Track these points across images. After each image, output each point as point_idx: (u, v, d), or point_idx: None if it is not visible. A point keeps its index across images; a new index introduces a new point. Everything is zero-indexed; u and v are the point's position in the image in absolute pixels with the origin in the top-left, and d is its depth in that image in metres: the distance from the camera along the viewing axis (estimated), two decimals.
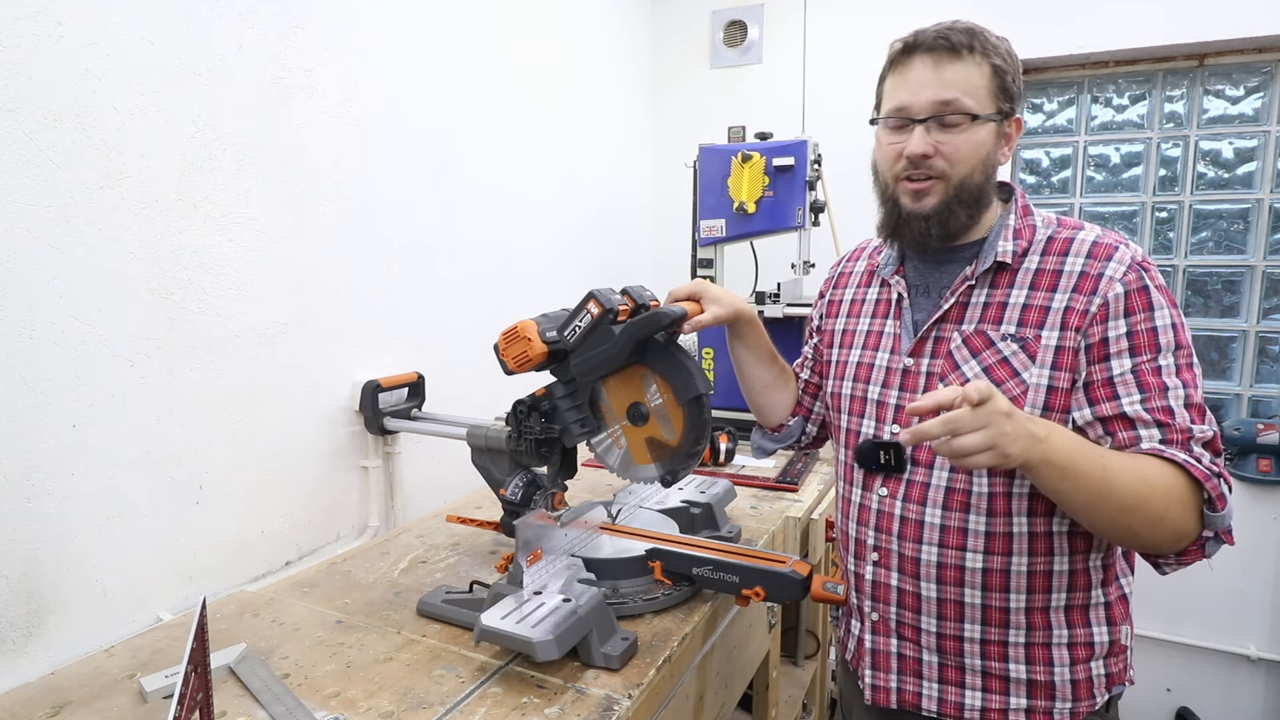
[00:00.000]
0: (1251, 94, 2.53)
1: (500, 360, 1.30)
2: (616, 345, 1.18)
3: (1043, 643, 1.06)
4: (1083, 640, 1.06)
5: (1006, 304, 1.05)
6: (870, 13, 2.78)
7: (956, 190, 1.05)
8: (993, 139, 1.05)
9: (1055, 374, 1.01)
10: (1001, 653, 1.07)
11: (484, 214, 2.10)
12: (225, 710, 0.97)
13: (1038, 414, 1.00)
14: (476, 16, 2.03)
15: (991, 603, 1.06)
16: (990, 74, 1.03)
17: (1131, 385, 0.96)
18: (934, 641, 1.10)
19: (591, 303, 1.19)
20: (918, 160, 1.04)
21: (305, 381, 1.56)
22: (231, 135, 1.37)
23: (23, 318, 1.08)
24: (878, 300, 1.22)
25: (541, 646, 0.98)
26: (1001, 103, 1.05)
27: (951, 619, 1.08)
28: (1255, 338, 2.60)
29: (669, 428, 1.24)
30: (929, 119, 1.03)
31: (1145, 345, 0.97)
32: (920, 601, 1.10)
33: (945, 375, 1.08)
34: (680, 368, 1.20)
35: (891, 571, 1.13)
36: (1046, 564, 1.04)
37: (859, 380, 1.19)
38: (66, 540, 1.15)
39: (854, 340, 1.23)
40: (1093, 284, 1.00)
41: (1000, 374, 1.03)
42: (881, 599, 1.15)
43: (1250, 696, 2.62)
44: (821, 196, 2.37)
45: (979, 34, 1.04)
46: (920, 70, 1.04)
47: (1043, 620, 1.05)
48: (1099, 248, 1.02)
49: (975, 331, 1.07)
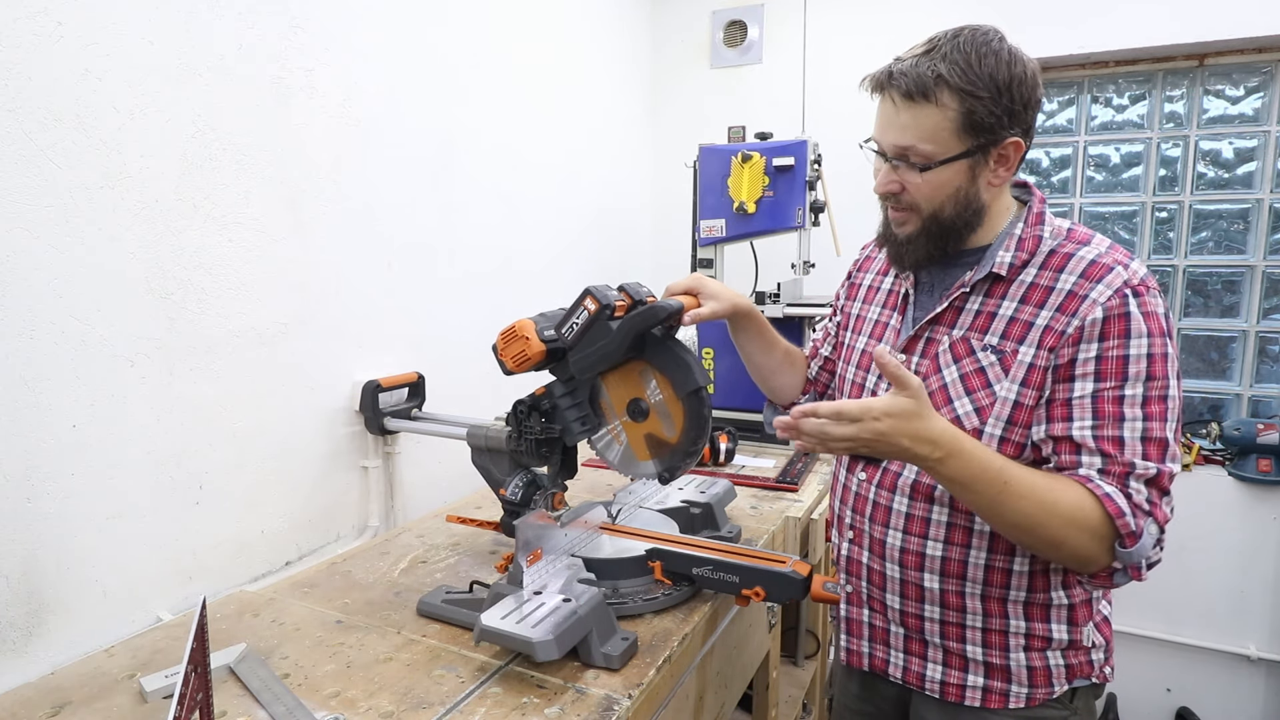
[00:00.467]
0: (1251, 94, 2.53)
1: (499, 360, 1.30)
2: (614, 340, 1.19)
3: (999, 630, 1.09)
4: (1040, 634, 1.09)
5: (995, 315, 1.06)
6: (870, 13, 2.78)
7: (928, 223, 1.07)
8: (961, 175, 1.03)
9: (1023, 390, 1.02)
10: (959, 634, 1.12)
11: (484, 214, 2.10)
12: (225, 710, 0.97)
13: (1001, 425, 1.03)
14: (476, 16, 2.03)
15: (949, 588, 1.10)
16: (956, 115, 0.99)
17: (1087, 410, 0.97)
18: (899, 617, 1.17)
19: (588, 299, 1.20)
20: (883, 195, 1.09)
21: (305, 381, 1.56)
22: (231, 135, 1.37)
23: (23, 318, 1.08)
24: (890, 290, 1.23)
25: (541, 646, 0.98)
26: (972, 139, 1.01)
27: (913, 599, 1.14)
28: (1255, 338, 2.61)
29: (669, 423, 1.24)
30: (892, 159, 1.05)
31: (1112, 372, 0.96)
32: (885, 580, 1.17)
33: (927, 376, 1.10)
34: (679, 362, 1.21)
35: (863, 550, 1.20)
36: (1005, 562, 1.08)
37: (860, 367, 1.24)
38: (66, 540, 1.15)
39: (863, 327, 1.26)
40: (1075, 305, 0.99)
41: (974, 383, 1.06)
42: (855, 574, 1.22)
43: (1250, 696, 2.62)
44: (821, 196, 2.37)
45: (947, 75, 0.98)
46: (885, 109, 1.04)
47: (999, 610, 1.09)
48: (1095, 267, 1.00)
49: (961, 339, 1.08)
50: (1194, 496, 2.57)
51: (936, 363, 1.10)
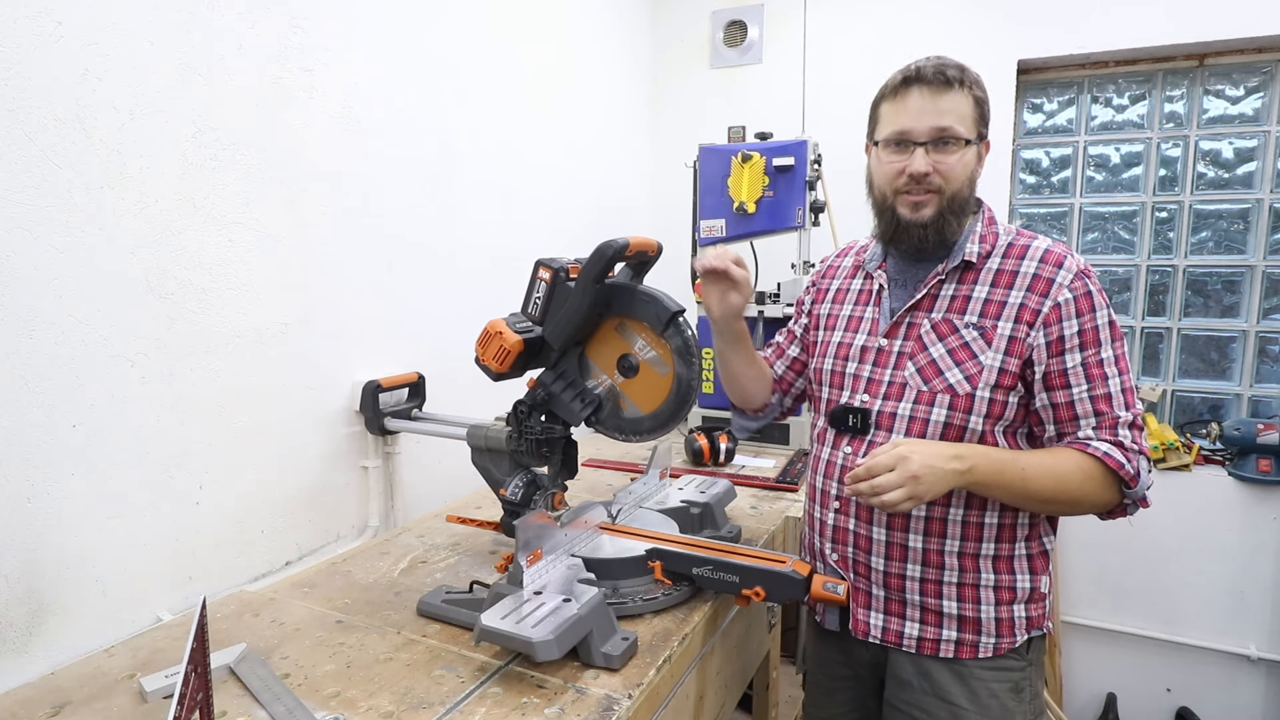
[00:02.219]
0: (1251, 94, 2.53)
1: (483, 367, 1.31)
2: (578, 294, 1.23)
3: (972, 584, 1.25)
4: (1006, 585, 1.25)
5: (970, 297, 1.24)
6: (870, 13, 2.78)
7: (949, 202, 1.22)
8: (974, 160, 1.24)
9: (1006, 359, 1.19)
10: (937, 590, 1.25)
11: (484, 214, 2.10)
12: (225, 710, 0.97)
13: (989, 388, 1.19)
14: (476, 17, 2.03)
15: (930, 546, 1.24)
16: (973, 104, 1.21)
17: (1080, 376, 1.17)
18: (881, 579, 1.28)
19: (541, 269, 1.25)
20: (920, 177, 1.20)
21: (305, 381, 1.56)
22: (231, 135, 1.37)
23: (23, 318, 1.08)
24: (861, 290, 1.38)
25: (541, 646, 0.98)
26: (980, 128, 1.23)
27: (897, 559, 1.26)
28: (1255, 338, 2.61)
29: (662, 365, 1.27)
30: (927, 142, 1.20)
31: (1090, 341, 1.17)
32: (871, 544, 1.28)
33: (915, 355, 1.26)
34: (646, 298, 1.25)
35: (850, 518, 1.31)
36: (979, 517, 1.23)
37: (839, 358, 1.35)
38: (66, 540, 1.15)
39: (837, 324, 1.39)
40: (1044, 286, 1.19)
41: (961, 356, 1.22)
42: (840, 541, 1.32)
43: (1250, 696, 2.62)
44: (821, 196, 2.37)
45: (965, 69, 1.21)
46: (919, 100, 1.20)
47: (973, 565, 1.24)
48: (1050, 254, 1.22)
49: (943, 319, 1.25)
50: (1194, 496, 2.57)
51: (921, 342, 1.26)
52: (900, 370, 1.26)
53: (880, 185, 1.27)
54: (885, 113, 1.25)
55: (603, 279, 1.22)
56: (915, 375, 1.24)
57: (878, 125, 1.27)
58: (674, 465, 1.86)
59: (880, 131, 1.25)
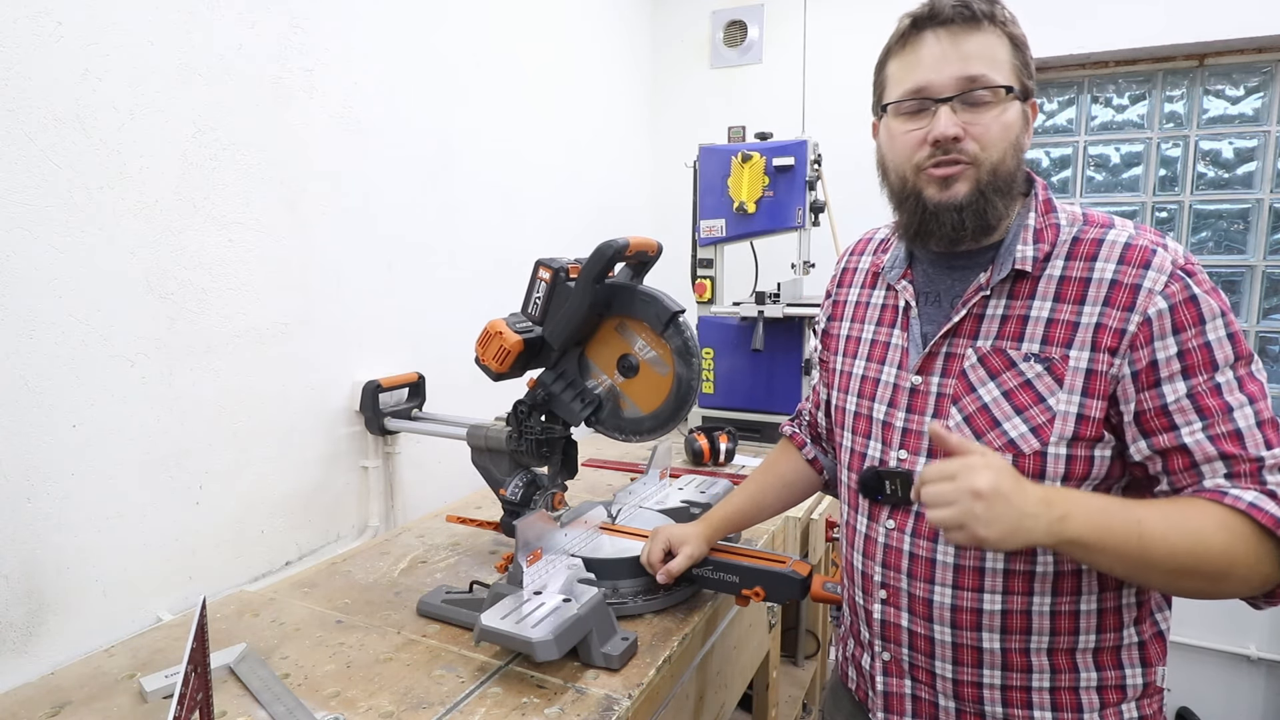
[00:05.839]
0: (1251, 94, 2.53)
1: (483, 367, 1.31)
2: (578, 294, 1.23)
3: (1069, 686, 0.93)
4: (1113, 684, 0.94)
5: (1028, 318, 0.91)
6: (870, 12, 2.78)
7: (990, 176, 0.90)
8: (1021, 119, 0.91)
9: (1086, 401, 0.87)
10: (1025, 699, 0.94)
11: (484, 214, 2.10)
12: (225, 710, 0.97)
13: (1065, 444, 0.88)
14: (476, 17, 2.03)
15: (1012, 645, 0.93)
16: (1010, 46, 0.90)
17: (1190, 412, 0.83)
18: (950, 687, 0.97)
19: (541, 269, 1.24)
20: (947, 144, 0.89)
21: (305, 381, 1.56)
22: (231, 135, 1.37)
23: (23, 318, 1.08)
24: (883, 306, 1.07)
25: (541, 646, 0.98)
26: (1025, 78, 0.91)
27: (969, 664, 0.95)
28: (1255, 338, 2.61)
29: (662, 364, 1.27)
30: (953, 98, 0.89)
31: (1200, 364, 0.83)
32: (934, 645, 0.97)
33: (959, 398, 0.94)
34: (646, 298, 1.25)
35: (902, 611, 0.99)
36: (1072, 603, 0.92)
37: (864, 396, 1.05)
38: (66, 540, 1.15)
39: (858, 349, 1.08)
40: (1128, 297, 0.86)
41: (1022, 399, 0.90)
42: (893, 639, 1.01)
43: (1250, 696, 2.62)
44: (821, 196, 2.37)
45: (996, 2, 0.91)
46: (935, 45, 0.90)
47: (1068, 663, 0.93)
48: (1133, 251, 0.87)
49: (993, 349, 0.93)
50: None
51: (967, 380, 0.93)
52: (942, 419, 0.95)
53: (897, 164, 0.95)
54: (894, 71, 0.95)
55: (603, 279, 1.22)
56: (964, 426, 0.93)
57: (885, 88, 0.97)
58: (674, 465, 1.86)
59: (890, 94, 0.95)
